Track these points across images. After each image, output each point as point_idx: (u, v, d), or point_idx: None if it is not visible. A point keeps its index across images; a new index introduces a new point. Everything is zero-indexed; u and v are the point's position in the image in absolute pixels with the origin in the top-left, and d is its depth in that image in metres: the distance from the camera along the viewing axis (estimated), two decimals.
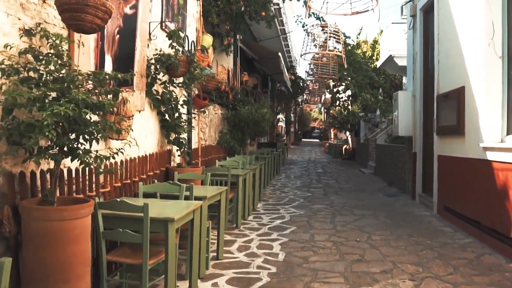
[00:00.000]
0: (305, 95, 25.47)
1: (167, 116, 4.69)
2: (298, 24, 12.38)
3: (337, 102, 18.57)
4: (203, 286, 3.49)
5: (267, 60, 11.57)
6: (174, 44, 4.33)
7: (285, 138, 26.43)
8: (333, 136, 29.47)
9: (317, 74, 11.96)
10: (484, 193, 4.84)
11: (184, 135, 4.87)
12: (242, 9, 8.39)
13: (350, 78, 13.93)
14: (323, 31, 10.33)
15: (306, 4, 8.03)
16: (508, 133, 4.70)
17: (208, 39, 6.24)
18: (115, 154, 2.52)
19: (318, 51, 11.43)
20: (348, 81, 14.03)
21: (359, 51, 17.55)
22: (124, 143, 2.99)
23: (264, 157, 9.31)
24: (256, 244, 4.77)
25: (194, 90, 6.03)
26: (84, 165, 2.29)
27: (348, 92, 17.18)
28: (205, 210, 3.66)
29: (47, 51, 2.47)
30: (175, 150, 5.02)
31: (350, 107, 18.01)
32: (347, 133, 20.47)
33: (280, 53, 10.43)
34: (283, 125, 28.10)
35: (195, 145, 6.11)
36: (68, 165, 2.85)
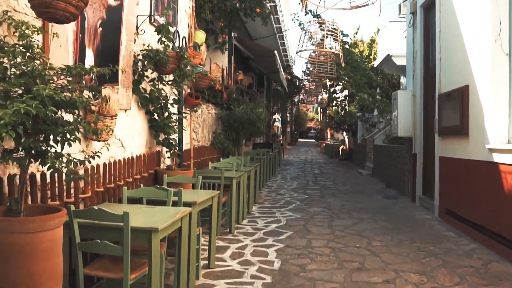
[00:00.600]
0: (301, 95, 25.24)
1: (156, 116, 4.42)
2: (295, 22, 12.17)
3: (334, 102, 18.35)
4: None
5: (263, 58, 11.32)
6: (163, 39, 4.07)
7: (281, 138, 26.19)
8: (329, 137, 29.27)
9: (314, 73, 11.71)
10: (489, 197, 4.61)
11: (174, 136, 4.61)
12: (237, 6, 8.13)
13: (348, 77, 13.69)
14: (320, 28, 10.07)
15: (302, 0, 7.78)
16: None
17: (201, 36, 5.98)
18: (91, 157, 2.26)
19: (315, 49, 11.17)
20: (346, 81, 13.78)
21: (356, 50, 17.33)
22: (104, 145, 2.72)
23: (260, 158, 9.06)
24: (250, 251, 4.52)
25: (185, 89, 5.77)
26: (53, 171, 2.02)
27: (345, 92, 16.96)
28: (194, 217, 3.40)
29: (14, 42, 2.21)
30: (165, 151, 4.75)
31: (347, 107, 17.79)
32: (344, 133, 20.25)
33: (276, 52, 10.18)
34: (279, 125, 27.85)
35: (187, 146, 5.85)
36: (43, 169, 2.59)
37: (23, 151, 2.02)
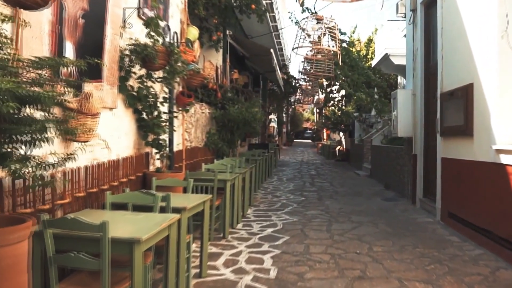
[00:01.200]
0: (298, 94, 24.98)
1: (144, 115, 4.16)
2: (292, 20, 11.94)
3: (331, 102, 18.13)
4: None
5: (258, 57, 11.07)
6: (152, 34, 3.82)
7: (277, 138, 25.94)
8: (325, 137, 29.06)
9: (311, 71, 11.46)
10: (496, 200, 4.39)
11: (164, 136, 4.35)
12: (232, 2, 7.88)
13: (346, 76, 13.45)
14: (318, 24, 9.82)
15: None
16: None
17: (193, 32, 5.72)
18: (64, 161, 2.00)
19: (312, 46, 10.92)
20: (343, 80, 13.55)
21: (353, 50, 17.13)
22: (81, 147, 2.46)
23: (255, 159, 8.81)
24: (245, 258, 4.27)
25: (177, 87, 5.52)
26: (13, 175, 1.77)
27: (342, 92, 16.75)
28: (184, 224, 3.15)
29: None
30: (154, 152, 4.49)
31: (344, 107, 17.58)
32: (341, 134, 20.04)
33: (272, 50, 9.94)
34: (275, 126, 27.61)
35: (179, 147, 5.59)
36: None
37: None
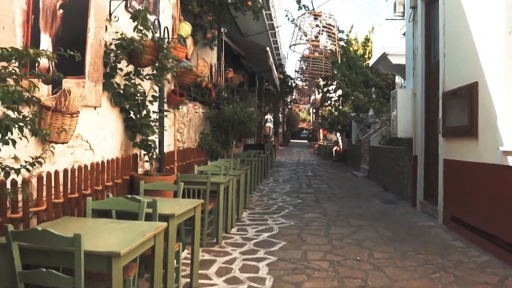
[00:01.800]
0: (294, 94, 24.78)
1: (132, 114, 3.92)
2: (289, 18, 11.70)
3: (328, 102, 17.91)
4: None
5: (254, 56, 10.84)
6: (140, 28, 3.57)
7: (273, 139, 25.72)
8: (322, 137, 28.87)
9: (308, 70, 11.22)
10: (503, 204, 4.17)
11: (153, 137, 4.10)
12: None
13: (343, 76, 13.21)
14: (316, 20, 9.57)
15: None
16: None
17: (186, 28, 5.48)
18: (31, 165, 1.76)
19: (309, 44, 10.67)
20: (340, 80, 13.31)
21: (350, 49, 16.91)
22: (46, 149, 2.22)
23: (251, 160, 8.58)
24: (239, 266, 4.03)
25: (169, 85, 5.27)
26: None
27: (339, 92, 16.53)
28: (172, 232, 2.91)
29: None
30: (143, 154, 4.25)
31: (340, 107, 17.37)
32: (338, 134, 19.83)
33: (268, 48, 9.70)
34: (271, 126, 27.39)
35: (170, 148, 5.35)
36: None
37: None
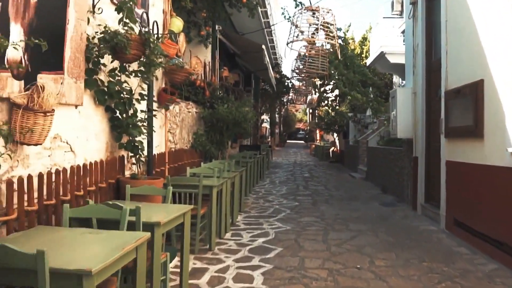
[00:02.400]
0: (291, 94, 24.55)
1: (118, 114, 3.66)
2: (285, 16, 11.48)
3: (325, 102, 17.69)
4: None
5: (250, 54, 10.59)
6: (125, 20, 3.32)
7: (269, 139, 25.49)
8: (318, 138, 28.67)
9: (305, 68, 10.97)
10: (511, 209, 3.95)
11: (140, 138, 3.85)
12: None
13: (341, 75, 12.97)
14: (313, 15, 9.32)
15: None
16: None
17: (177, 23, 5.23)
18: None
19: (306, 43, 10.42)
20: (338, 79, 13.07)
21: (348, 48, 16.70)
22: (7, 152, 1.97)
23: (246, 161, 8.33)
24: (233, 275, 3.79)
25: (160, 83, 5.02)
26: None
27: (336, 92, 16.30)
28: (158, 242, 2.66)
29: None
30: (130, 156, 3.99)
31: (338, 107, 17.15)
32: (335, 134, 19.62)
33: (264, 46, 9.46)
34: (268, 126, 27.16)
35: (161, 150, 5.10)
36: None
37: None
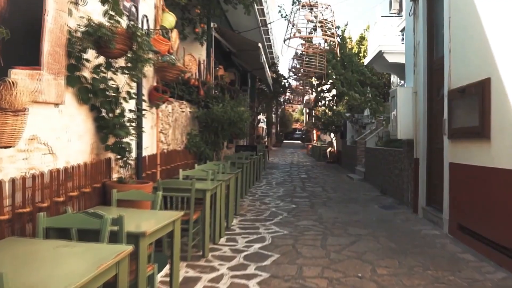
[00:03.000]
0: (288, 94, 24.32)
1: (104, 113, 3.42)
2: (282, 15, 11.26)
3: (322, 102, 17.47)
4: None
5: (246, 53, 10.36)
6: (111, 13, 3.09)
7: (266, 140, 25.27)
8: (315, 138, 28.48)
9: (302, 66, 10.74)
10: None
11: (128, 139, 3.60)
12: None
13: (339, 74, 12.75)
14: (311, 11, 9.08)
15: None
16: None
17: (170, 19, 4.99)
18: None
19: (303, 40, 10.20)
20: (335, 79, 12.85)
21: (346, 46, 16.50)
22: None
23: (242, 162, 8.10)
24: (227, 285, 3.57)
25: (151, 81, 4.78)
26: None
27: (334, 92, 16.09)
28: (143, 254, 2.43)
29: None
30: (117, 158, 3.75)
31: (335, 107, 16.94)
32: (332, 135, 19.41)
33: (260, 44, 9.24)
34: (264, 126, 26.94)
35: (153, 151, 4.85)
36: None
37: None
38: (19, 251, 2.02)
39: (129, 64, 3.23)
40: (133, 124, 3.69)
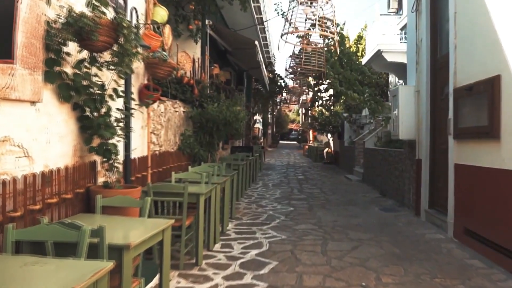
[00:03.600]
0: (284, 94, 24.07)
1: (88, 112, 3.16)
2: (278, 13, 11.03)
3: (319, 102, 17.24)
4: None
5: (242, 51, 10.10)
6: (95, 3, 2.83)
7: (262, 140, 25.02)
8: (312, 139, 28.26)
9: (300, 64, 10.51)
10: None
11: (115, 140, 3.34)
12: None
13: (337, 73, 12.51)
14: (310, 6, 8.83)
15: None
16: None
17: (161, 13, 4.73)
18: None
19: (302, 38, 9.96)
20: (334, 78, 12.61)
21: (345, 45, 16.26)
22: None
23: (238, 164, 7.84)
24: None
25: (142, 79, 4.52)
26: None
27: (331, 91, 15.86)
28: (127, 268, 2.17)
29: None
30: (104, 161, 3.48)
31: (332, 107, 16.72)
32: (329, 135, 19.19)
33: (257, 42, 8.99)
34: (260, 127, 26.68)
35: (143, 153, 4.59)
36: None
37: None
38: None
39: (115, 59, 2.97)
40: (121, 124, 3.43)
